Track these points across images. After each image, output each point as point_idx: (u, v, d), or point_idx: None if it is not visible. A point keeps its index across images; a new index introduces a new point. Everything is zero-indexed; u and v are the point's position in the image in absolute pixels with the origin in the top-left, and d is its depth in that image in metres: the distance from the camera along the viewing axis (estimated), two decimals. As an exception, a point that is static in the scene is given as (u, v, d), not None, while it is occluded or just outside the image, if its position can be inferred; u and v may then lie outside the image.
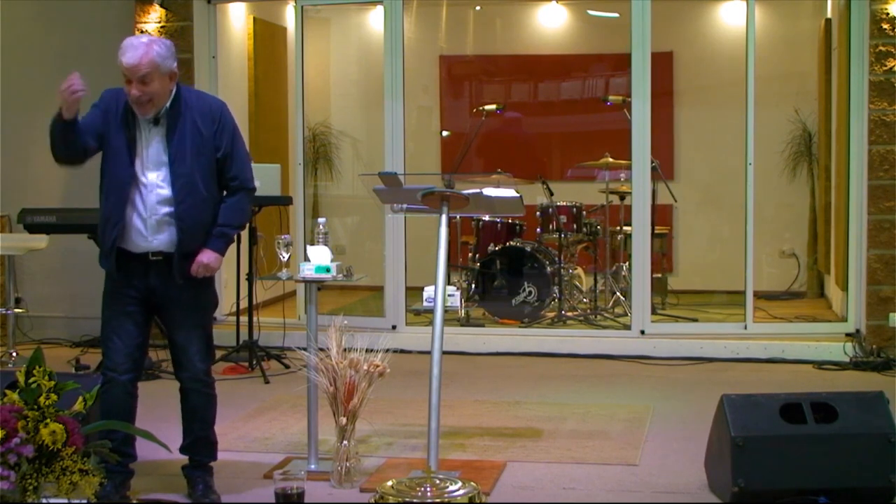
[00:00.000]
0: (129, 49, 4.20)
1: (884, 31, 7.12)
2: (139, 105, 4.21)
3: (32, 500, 3.32)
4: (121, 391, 4.31)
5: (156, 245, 4.27)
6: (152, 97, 4.20)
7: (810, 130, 9.33)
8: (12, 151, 8.19)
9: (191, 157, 4.27)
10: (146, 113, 4.23)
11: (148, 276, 4.30)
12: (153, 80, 4.17)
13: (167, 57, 4.22)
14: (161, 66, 4.19)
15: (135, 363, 4.36)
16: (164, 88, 4.23)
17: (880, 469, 4.15)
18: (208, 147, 4.31)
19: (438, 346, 4.40)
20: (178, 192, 4.25)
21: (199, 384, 4.41)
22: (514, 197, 4.69)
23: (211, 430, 4.50)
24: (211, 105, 4.40)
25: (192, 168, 4.27)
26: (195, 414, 4.44)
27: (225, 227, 4.38)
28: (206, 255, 4.33)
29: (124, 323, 4.32)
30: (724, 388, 5.37)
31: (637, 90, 7.51)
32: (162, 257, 4.29)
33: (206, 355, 4.45)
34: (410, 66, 8.18)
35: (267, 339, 7.44)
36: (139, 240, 4.27)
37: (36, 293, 8.19)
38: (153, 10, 7.92)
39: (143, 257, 4.29)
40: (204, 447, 4.48)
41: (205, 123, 4.31)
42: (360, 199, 9.72)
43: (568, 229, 8.29)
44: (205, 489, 4.38)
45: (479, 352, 7.55)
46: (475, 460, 4.94)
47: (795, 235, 9.51)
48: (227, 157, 4.36)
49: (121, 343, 4.32)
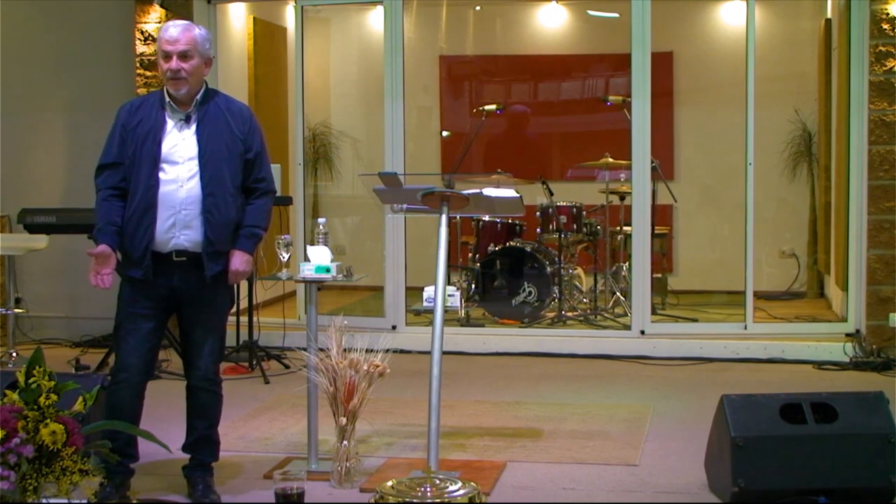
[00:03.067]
0: (171, 26, 4.32)
1: (884, 31, 7.12)
2: (175, 80, 4.27)
3: (32, 500, 3.32)
4: (130, 393, 4.33)
5: (183, 241, 4.27)
6: (189, 74, 4.26)
7: (810, 130, 9.33)
8: (12, 151, 8.19)
9: (221, 152, 4.31)
10: (179, 89, 4.27)
11: (172, 277, 4.31)
12: (192, 56, 4.27)
13: (206, 40, 4.36)
14: (199, 46, 4.30)
15: (147, 366, 4.38)
16: (199, 71, 4.33)
17: (880, 469, 4.15)
18: (238, 146, 4.37)
19: (438, 346, 4.41)
20: (207, 185, 4.27)
21: (208, 383, 4.44)
22: (514, 197, 4.69)
23: (214, 429, 4.51)
24: (241, 107, 4.52)
25: (222, 163, 4.31)
26: (201, 412, 4.46)
27: (255, 227, 4.42)
28: (237, 260, 4.37)
29: (141, 325, 4.32)
30: (724, 388, 5.38)
31: (637, 90, 7.51)
32: (186, 258, 4.29)
33: (219, 355, 4.49)
34: (410, 66, 8.18)
35: (267, 340, 7.45)
36: (166, 237, 4.26)
37: (36, 293, 8.18)
38: (153, 10, 7.91)
39: (167, 258, 4.28)
40: (206, 446, 4.49)
41: (237, 123, 4.39)
42: (360, 199, 9.72)
43: (568, 229, 8.29)
44: (205, 489, 4.38)
45: (479, 352, 7.55)
46: (475, 460, 4.94)
47: (795, 235, 9.51)
48: (257, 158, 4.43)
49: (135, 344, 4.31)
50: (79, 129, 8.14)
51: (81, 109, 8.11)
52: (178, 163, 4.27)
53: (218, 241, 4.30)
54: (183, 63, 4.25)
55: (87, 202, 6.98)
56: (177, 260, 4.28)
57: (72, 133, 8.24)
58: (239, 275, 4.40)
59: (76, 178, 7.96)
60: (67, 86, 8.27)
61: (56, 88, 8.31)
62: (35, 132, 8.24)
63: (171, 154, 4.28)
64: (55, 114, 8.27)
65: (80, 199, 7.40)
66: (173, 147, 4.29)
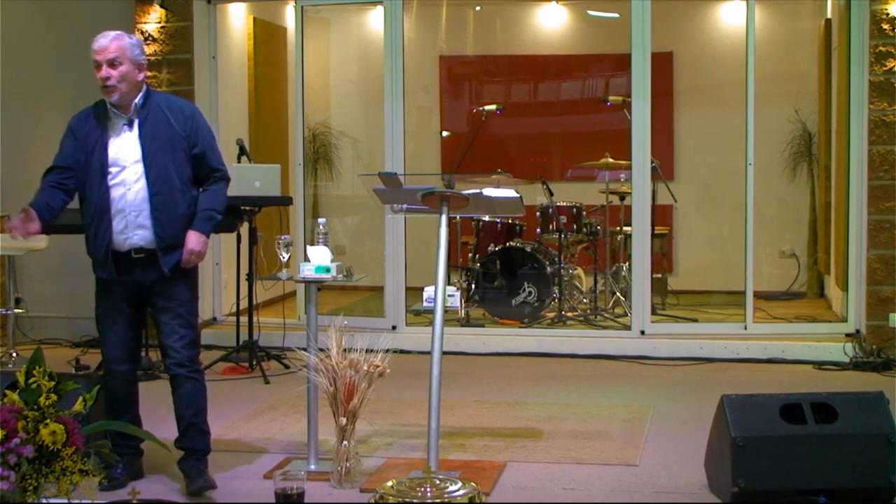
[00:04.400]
0: (101, 37, 4.48)
1: (884, 31, 7.12)
2: (105, 88, 4.45)
3: (32, 501, 3.31)
4: (120, 381, 4.58)
5: (136, 240, 4.48)
6: (119, 80, 4.42)
7: (810, 130, 9.33)
8: (12, 151, 8.19)
9: (165, 151, 4.49)
10: (111, 96, 4.46)
11: (133, 272, 4.51)
12: (121, 63, 4.42)
13: (136, 46, 4.50)
14: (129, 52, 4.45)
15: (130, 354, 4.62)
16: (132, 77, 4.47)
17: (880, 469, 4.15)
18: (181, 143, 4.53)
19: (438, 347, 4.41)
20: (154, 184, 4.47)
21: (184, 369, 4.56)
22: (514, 197, 4.69)
23: (201, 419, 4.61)
24: (183, 106, 4.66)
25: (167, 162, 4.49)
26: (184, 400, 4.57)
27: (211, 210, 4.57)
28: (192, 240, 4.50)
29: (116, 318, 4.56)
30: (724, 388, 5.37)
31: (637, 90, 7.51)
32: (144, 254, 4.49)
33: (190, 342, 4.58)
34: (410, 66, 8.18)
35: (267, 340, 7.45)
36: (122, 238, 4.48)
37: (36, 293, 8.19)
38: (153, 10, 7.92)
39: (126, 255, 4.50)
40: (196, 435, 4.58)
41: (178, 120, 4.54)
42: (360, 199, 9.71)
43: (568, 229, 8.29)
44: (199, 475, 4.47)
45: (479, 352, 7.55)
46: (475, 460, 4.94)
47: (795, 235, 9.52)
48: (206, 153, 4.58)
49: (115, 336, 4.56)
50: (79, 129, 8.12)
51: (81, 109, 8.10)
52: (124, 166, 4.48)
53: (169, 235, 4.48)
54: (112, 70, 4.42)
55: (87, 202, 7.01)
56: (136, 257, 4.49)
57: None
58: (194, 254, 4.51)
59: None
60: (67, 86, 8.26)
61: (56, 88, 8.31)
62: (35, 132, 8.24)
63: (118, 159, 4.48)
64: (55, 114, 8.24)
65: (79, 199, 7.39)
66: (118, 151, 4.49)
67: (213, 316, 8.27)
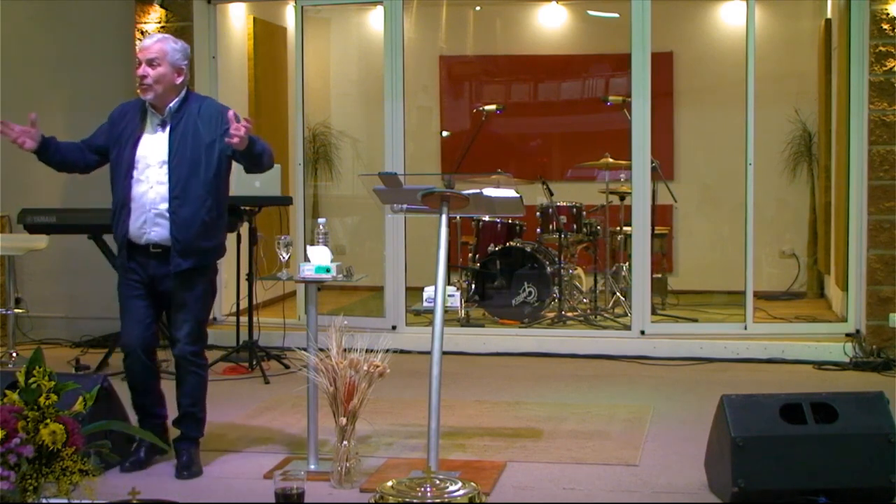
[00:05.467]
0: (147, 38, 4.68)
1: (884, 31, 7.12)
2: (141, 87, 4.59)
3: (32, 501, 3.31)
4: (138, 361, 4.73)
5: (153, 236, 4.64)
6: (155, 81, 4.57)
7: (810, 130, 9.33)
8: (12, 151, 8.11)
9: (190, 159, 4.60)
10: (145, 94, 4.60)
11: (149, 265, 4.68)
12: (160, 64, 4.57)
13: (178, 51, 4.66)
14: (169, 55, 4.60)
15: (145, 341, 4.74)
16: (169, 79, 4.60)
17: (880, 469, 4.14)
18: (210, 150, 4.61)
19: (438, 347, 4.41)
20: (175, 187, 4.59)
21: (187, 362, 4.76)
22: (514, 197, 4.69)
23: (198, 407, 4.81)
24: (212, 112, 4.69)
25: (190, 170, 4.60)
26: (183, 388, 4.79)
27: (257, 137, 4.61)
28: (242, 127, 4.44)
29: (134, 304, 4.73)
30: (724, 388, 5.37)
31: (637, 90, 7.51)
32: (161, 250, 4.65)
33: (197, 337, 4.77)
34: (410, 66, 8.18)
35: (267, 340, 7.44)
36: (139, 232, 4.65)
37: (36, 293, 8.19)
38: (153, 10, 7.92)
39: (145, 248, 4.67)
40: (191, 421, 4.80)
41: (206, 126, 4.63)
42: (360, 199, 9.70)
43: (568, 229, 8.29)
44: (188, 460, 4.70)
45: (479, 352, 7.55)
46: (475, 460, 4.94)
47: (795, 235, 9.51)
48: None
49: (132, 321, 4.73)
50: (79, 129, 8.02)
51: (81, 109, 8.09)
52: (150, 165, 4.63)
53: (184, 238, 4.61)
54: (150, 69, 4.57)
55: (87, 202, 7.01)
56: (153, 251, 4.66)
57: (72, 133, 8.10)
58: (241, 129, 4.42)
59: (76, 178, 7.85)
60: (67, 86, 8.27)
61: (56, 88, 8.31)
62: (35, 132, 8.23)
63: (146, 156, 4.63)
64: (55, 114, 8.25)
65: (79, 199, 7.40)
66: (148, 150, 4.64)
67: (213, 316, 8.27)
